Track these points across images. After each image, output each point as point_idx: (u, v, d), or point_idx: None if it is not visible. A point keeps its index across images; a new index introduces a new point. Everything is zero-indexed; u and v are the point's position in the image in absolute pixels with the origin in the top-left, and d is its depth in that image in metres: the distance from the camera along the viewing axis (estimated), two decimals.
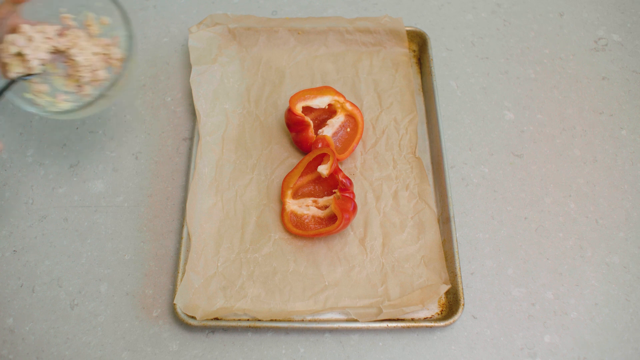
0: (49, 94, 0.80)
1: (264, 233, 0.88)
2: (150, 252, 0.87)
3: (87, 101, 0.77)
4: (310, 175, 0.91)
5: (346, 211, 0.83)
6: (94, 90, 0.80)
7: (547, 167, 0.95)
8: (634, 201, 0.92)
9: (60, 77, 0.81)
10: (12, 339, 0.81)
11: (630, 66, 1.05)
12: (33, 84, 0.79)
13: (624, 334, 0.82)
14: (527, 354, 0.81)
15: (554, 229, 0.90)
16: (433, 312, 0.83)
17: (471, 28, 1.09)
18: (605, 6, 1.12)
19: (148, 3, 1.11)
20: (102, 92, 0.76)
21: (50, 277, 0.85)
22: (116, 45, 0.81)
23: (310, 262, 0.86)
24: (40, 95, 0.79)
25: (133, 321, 0.82)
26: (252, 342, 0.81)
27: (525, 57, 1.06)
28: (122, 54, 0.80)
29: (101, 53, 0.80)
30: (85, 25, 0.82)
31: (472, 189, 0.93)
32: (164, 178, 0.93)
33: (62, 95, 0.80)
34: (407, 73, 1.01)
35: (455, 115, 0.99)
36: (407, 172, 0.92)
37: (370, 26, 1.02)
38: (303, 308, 0.82)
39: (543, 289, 0.85)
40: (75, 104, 0.79)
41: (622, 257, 0.88)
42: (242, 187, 0.91)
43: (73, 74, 0.80)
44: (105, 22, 0.82)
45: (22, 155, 0.94)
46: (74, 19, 0.82)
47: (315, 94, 0.92)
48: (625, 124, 0.99)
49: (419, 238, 0.87)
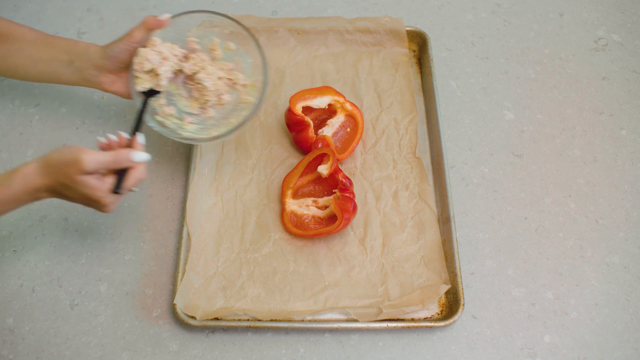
0: (176, 116, 0.83)
1: (264, 233, 0.88)
2: (150, 252, 0.87)
3: (230, 129, 0.80)
4: (310, 175, 0.91)
5: (346, 211, 0.83)
6: (217, 113, 0.84)
7: (547, 167, 0.95)
8: (634, 201, 0.92)
9: (182, 99, 0.84)
10: (12, 339, 0.81)
11: (630, 66, 1.05)
12: (161, 106, 0.82)
13: (624, 334, 0.82)
14: (527, 354, 0.81)
15: (554, 229, 0.90)
16: (433, 312, 0.83)
17: (471, 28, 1.09)
18: (605, 6, 1.12)
19: (148, 3, 1.11)
20: (246, 119, 0.79)
21: (50, 277, 0.85)
22: (239, 70, 0.84)
23: (310, 262, 0.86)
24: (168, 117, 0.82)
25: (133, 321, 0.82)
26: (252, 342, 0.81)
27: (525, 57, 1.06)
28: (248, 80, 0.84)
29: (225, 77, 0.83)
30: (209, 50, 0.84)
31: (472, 189, 0.93)
32: (164, 178, 0.93)
33: (187, 117, 0.83)
34: (407, 73, 1.01)
35: (455, 115, 0.99)
36: (407, 172, 0.92)
37: (370, 26, 1.02)
38: (303, 308, 0.82)
39: (543, 289, 0.85)
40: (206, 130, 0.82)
41: (622, 257, 0.88)
42: (242, 187, 0.91)
43: (198, 97, 0.84)
44: (230, 48, 0.84)
45: (22, 155, 0.94)
46: (199, 42, 0.84)
47: (315, 94, 0.92)
48: (625, 124, 0.99)
49: (419, 238, 0.87)
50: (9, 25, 0.85)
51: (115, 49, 0.80)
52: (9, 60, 0.84)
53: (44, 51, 0.83)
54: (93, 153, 0.68)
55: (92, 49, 0.82)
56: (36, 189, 0.69)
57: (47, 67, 0.84)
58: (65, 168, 0.68)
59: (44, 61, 0.83)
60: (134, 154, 0.71)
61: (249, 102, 0.83)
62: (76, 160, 0.67)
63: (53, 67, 0.83)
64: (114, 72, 0.82)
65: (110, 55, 0.80)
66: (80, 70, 0.82)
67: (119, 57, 0.80)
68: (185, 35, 0.84)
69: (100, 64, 0.81)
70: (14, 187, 0.68)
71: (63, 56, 0.83)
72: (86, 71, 0.82)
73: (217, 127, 0.83)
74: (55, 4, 1.10)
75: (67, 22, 1.08)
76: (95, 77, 0.82)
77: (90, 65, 0.81)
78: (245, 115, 0.81)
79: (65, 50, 0.83)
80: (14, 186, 0.68)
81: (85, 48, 0.82)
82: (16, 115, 0.98)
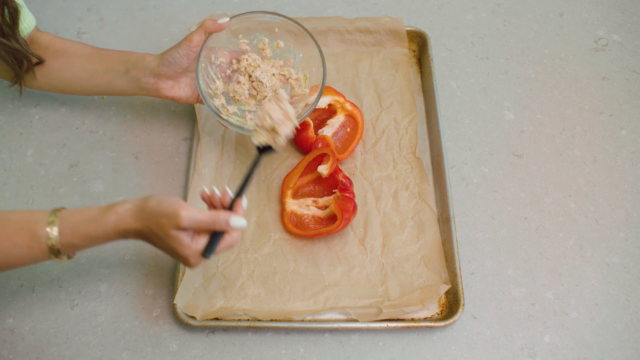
0: (237, 114, 0.86)
1: (264, 233, 0.88)
2: (150, 252, 0.87)
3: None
4: (310, 175, 0.91)
5: (346, 211, 0.83)
6: None
7: (547, 167, 0.95)
8: (634, 201, 0.92)
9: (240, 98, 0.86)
10: (12, 339, 0.81)
11: (630, 66, 1.05)
12: (223, 106, 0.85)
13: (624, 334, 0.82)
14: (527, 354, 0.81)
15: (554, 229, 0.90)
16: (433, 312, 0.83)
17: (471, 28, 1.09)
18: (605, 6, 1.12)
19: (148, 3, 1.11)
20: (303, 117, 0.81)
21: (50, 277, 0.85)
22: (290, 66, 0.88)
23: (310, 262, 0.86)
24: (231, 116, 0.84)
25: (133, 321, 0.82)
26: (252, 342, 0.81)
27: (525, 57, 1.06)
28: (300, 74, 0.88)
29: (278, 74, 0.87)
30: (259, 49, 0.87)
31: (472, 189, 0.93)
32: (164, 178, 0.93)
33: (248, 114, 0.86)
34: (407, 73, 1.01)
35: (455, 115, 0.99)
36: (407, 172, 0.92)
37: (370, 26, 1.02)
38: (303, 308, 0.82)
39: (543, 289, 0.85)
40: None
41: (622, 257, 0.88)
42: None
43: (255, 94, 0.86)
44: (279, 46, 0.89)
45: (22, 155, 0.94)
46: (248, 43, 0.88)
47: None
48: (625, 124, 0.99)
49: (419, 238, 0.87)
50: (63, 42, 0.87)
51: (174, 55, 0.81)
52: (62, 74, 0.86)
53: (99, 63, 0.85)
54: (192, 210, 0.66)
55: (148, 58, 0.83)
56: (126, 231, 0.67)
57: (103, 78, 0.85)
58: (160, 219, 0.66)
59: (99, 73, 0.85)
60: (233, 219, 0.67)
61: (304, 93, 0.87)
62: (174, 214, 0.65)
63: (109, 78, 0.85)
64: (172, 78, 0.84)
65: (169, 61, 0.81)
66: (136, 79, 0.84)
67: (179, 62, 0.81)
68: (238, 38, 0.87)
69: (157, 71, 0.82)
70: (107, 225, 0.66)
71: (119, 67, 0.84)
72: (143, 79, 0.83)
73: None
74: (55, 4, 1.10)
75: (67, 22, 1.08)
76: (153, 85, 0.84)
77: (147, 73, 0.83)
78: (301, 106, 0.84)
79: (121, 61, 0.84)
80: (107, 224, 0.66)
81: (141, 57, 0.84)
82: (16, 115, 0.98)
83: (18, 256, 0.66)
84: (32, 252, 0.66)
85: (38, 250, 0.66)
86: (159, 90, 0.84)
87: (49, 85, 0.89)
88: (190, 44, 0.80)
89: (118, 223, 0.67)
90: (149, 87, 0.84)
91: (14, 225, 0.66)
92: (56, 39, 0.88)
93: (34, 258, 0.67)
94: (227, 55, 0.87)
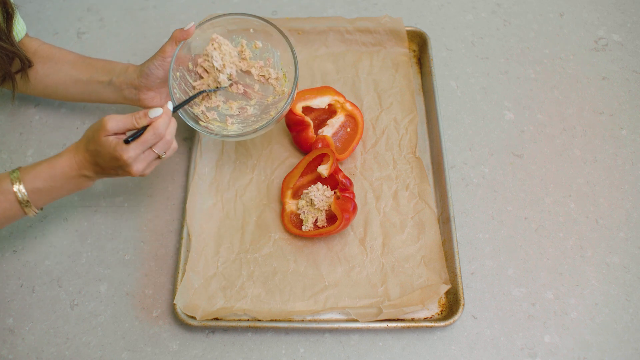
0: (218, 120, 0.86)
1: (264, 233, 0.88)
2: (150, 252, 0.87)
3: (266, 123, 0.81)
4: (310, 175, 0.91)
5: (346, 211, 0.83)
6: (256, 110, 0.87)
7: (547, 167, 0.95)
8: (634, 201, 0.92)
9: (221, 102, 0.87)
10: (12, 339, 0.81)
11: (630, 66, 1.05)
12: (203, 113, 0.85)
13: (624, 334, 0.82)
14: (527, 354, 0.81)
15: (554, 229, 0.90)
16: (433, 312, 0.83)
17: (471, 28, 1.09)
18: (605, 6, 1.12)
19: (148, 3, 1.11)
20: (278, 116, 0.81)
21: (50, 277, 0.85)
22: (270, 66, 0.87)
23: (310, 262, 0.86)
24: (211, 122, 0.85)
25: (133, 321, 0.82)
26: (252, 342, 0.81)
27: (525, 57, 1.06)
28: (279, 73, 0.87)
29: (258, 74, 0.87)
30: (239, 52, 0.87)
31: (472, 189, 0.93)
32: (164, 178, 0.93)
33: (229, 119, 0.86)
34: (407, 73, 1.01)
35: (455, 115, 0.99)
36: (407, 172, 0.92)
37: (370, 26, 1.02)
38: (303, 308, 0.82)
39: (543, 289, 0.85)
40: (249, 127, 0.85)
41: (622, 257, 0.88)
42: (242, 187, 0.91)
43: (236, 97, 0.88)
44: (257, 47, 0.87)
45: (22, 155, 0.94)
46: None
47: (315, 94, 0.92)
48: (625, 124, 0.99)
49: (419, 238, 0.87)
50: (50, 49, 0.90)
51: (150, 67, 0.82)
52: (49, 79, 0.89)
53: (83, 71, 0.87)
54: (115, 115, 0.72)
55: (130, 69, 0.85)
56: (78, 163, 0.74)
57: (87, 86, 0.88)
58: (91, 134, 0.72)
59: (82, 81, 0.87)
60: (150, 111, 0.73)
61: (284, 92, 0.86)
62: (99, 123, 0.71)
63: (92, 87, 0.88)
64: (152, 89, 0.85)
65: (146, 73, 0.83)
66: (119, 89, 0.86)
67: (155, 74, 0.83)
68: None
69: (137, 83, 0.84)
70: (61, 163, 0.73)
71: (102, 77, 0.87)
72: (125, 90, 0.86)
73: (258, 122, 0.85)
74: (55, 4, 1.10)
75: (67, 22, 1.08)
76: (135, 95, 0.86)
77: (128, 85, 0.85)
78: (282, 105, 0.83)
79: (105, 71, 0.87)
80: (60, 162, 0.73)
81: (123, 69, 0.86)
82: (16, 115, 0.98)
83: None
84: (2, 206, 0.72)
85: (6, 202, 0.72)
86: (141, 101, 0.86)
87: (37, 90, 0.90)
88: (163, 55, 0.82)
89: (69, 158, 0.74)
90: (132, 97, 0.86)
91: None
92: (44, 45, 0.90)
93: (4, 213, 0.73)
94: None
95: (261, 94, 0.88)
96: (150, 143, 0.73)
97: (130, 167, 0.72)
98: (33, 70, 0.88)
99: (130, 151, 0.71)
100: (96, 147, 0.72)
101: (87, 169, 0.74)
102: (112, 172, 0.74)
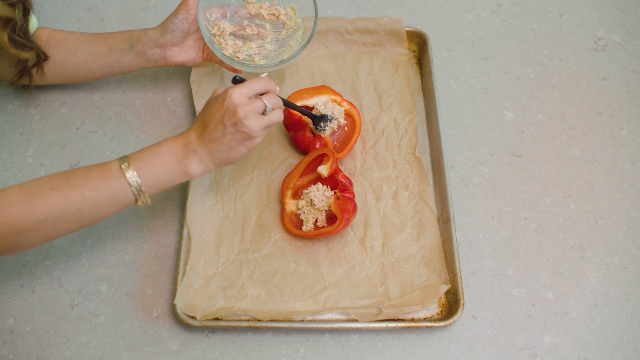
0: (248, 59, 0.89)
1: (264, 233, 0.88)
2: (150, 252, 0.87)
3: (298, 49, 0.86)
4: (310, 175, 0.91)
5: (346, 211, 0.83)
6: (274, 45, 0.91)
7: (547, 167, 0.95)
8: (634, 201, 0.92)
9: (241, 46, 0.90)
10: (12, 339, 0.81)
11: (630, 66, 1.05)
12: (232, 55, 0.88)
13: (624, 334, 0.82)
14: (527, 354, 0.81)
15: (554, 229, 0.90)
16: (433, 312, 0.83)
17: (471, 28, 1.09)
18: (605, 6, 1.12)
19: (148, 3, 1.11)
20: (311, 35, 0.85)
21: (50, 277, 0.85)
22: (275, 4, 0.91)
23: (310, 263, 0.86)
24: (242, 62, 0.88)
25: (133, 321, 0.82)
26: (252, 342, 0.81)
27: (525, 57, 1.06)
28: (288, 8, 0.91)
29: (269, 14, 0.91)
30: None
31: (472, 189, 0.93)
32: None
33: (255, 57, 0.89)
34: (407, 73, 1.01)
35: (455, 116, 0.99)
36: (407, 172, 0.92)
37: (370, 26, 1.02)
38: (303, 308, 0.82)
39: (543, 289, 0.85)
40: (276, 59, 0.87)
41: (622, 257, 0.88)
42: (242, 187, 0.91)
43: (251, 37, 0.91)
44: None
45: (22, 155, 0.94)
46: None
47: (312, 94, 0.92)
48: (625, 124, 0.99)
49: (419, 238, 0.87)
50: (62, 33, 0.90)
51: (175, 22, 0.85)
52: (68, 61, 0.89)
53: (102, 45, 0.88)
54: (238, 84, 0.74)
55: (150, 31, 0.87)
56: (183, 135, 0.74)
57: (109, 57, 0.89)
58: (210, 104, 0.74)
59: (104, 54, 0.88)
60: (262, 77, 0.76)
61: (298, 23, 0.91)
62: (224, 90, 0.73)
63: (115, 57, 0.88)
64: (177, 44, 0.88)
65: (172, 29, 0.85)
66: (142, 52, 0.88)
67: (180, 28, 0.86)
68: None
69: (162, 41, 0.87)
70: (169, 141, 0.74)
71: (122, 45, 0.88)
72: (149, 52, 0.87)
73: (281, 54, 0.89)
74: (55, 4, 1.10)
75: (67, 22, 1.08)
76: (160, 54, 0.88)
77: (153, 45, 0.87)
78: (300, 34, 0.88)
79: (124, 39, 0.88)
80: (169, 140, 0.74)
81: (143, 32, 0.88)
82: (16, 115, 0.98)
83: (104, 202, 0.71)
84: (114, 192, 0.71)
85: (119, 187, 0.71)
86: (166, 58, 0.88)
87: (56, 77, 0.91)
88: (187, 8, 0.85)
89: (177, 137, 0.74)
90: (157, 58, 0.88)
91: (94, 174, 0.71)
92: (54, 31, 0.90)
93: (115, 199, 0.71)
94: (218, 11, 0.90)
95: (273, 31, 0.91)
96: (257, 89, 0.74)
97: (237, 109, 0.71)
98: (51, 58, 0.88)
99: (236, 89, 0.72)
100: (204, 106, 0.74)
101: (192, 136, 0.73)
102: (219, 131, 0.72)
